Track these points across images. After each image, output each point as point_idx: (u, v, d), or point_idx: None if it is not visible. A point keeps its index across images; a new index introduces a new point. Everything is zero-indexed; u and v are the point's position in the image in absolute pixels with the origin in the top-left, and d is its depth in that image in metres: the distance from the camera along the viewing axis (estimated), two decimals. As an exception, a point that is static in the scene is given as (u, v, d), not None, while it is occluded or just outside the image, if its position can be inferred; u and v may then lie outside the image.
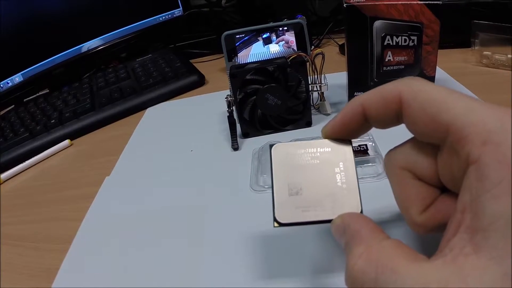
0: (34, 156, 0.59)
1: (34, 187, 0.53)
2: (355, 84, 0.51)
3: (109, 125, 0.66)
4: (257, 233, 0.34)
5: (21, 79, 0.79)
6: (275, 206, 0.25)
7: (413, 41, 0.47)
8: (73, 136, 0.64)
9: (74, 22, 0.81)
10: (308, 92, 0.48)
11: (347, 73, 0.50)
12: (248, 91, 0.47)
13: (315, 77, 0.49)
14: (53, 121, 0.65)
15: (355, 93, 0.51)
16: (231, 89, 0.47)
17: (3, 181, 0.56)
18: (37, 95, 0.83)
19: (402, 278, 0.18)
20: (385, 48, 0.48)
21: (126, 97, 0.69)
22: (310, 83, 0.48)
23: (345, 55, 0.50)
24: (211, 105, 0.61)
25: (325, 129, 0.26)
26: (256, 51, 0.57)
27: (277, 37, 0.60)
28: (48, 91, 0.85)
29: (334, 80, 0.54)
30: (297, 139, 0.45)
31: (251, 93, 0.47)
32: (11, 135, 0.65)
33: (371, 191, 0.28)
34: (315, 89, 0.50)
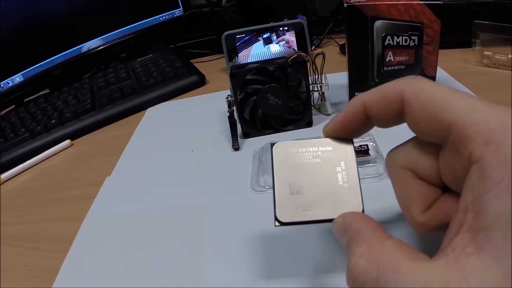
0: (34, 156, 0.59)
1: (34, 187, 0.53)
2: (355, 84, 0.51)
3: (109, 125, 0.66)
4: (258, 233, 0.34)
5: (22, 79, 0.79)
6: (276, 205, 0.25)
7: (414, 41, 0.47)
8: (74, 136, 0.63)
9: (74, 22, 0.81)
10: (308, 92, 0.48)
11: (348, 73, 0.50)
12: (248, 91, 0.47)
13: (316, 77, 0.49)
14: (54, 121, 0.65)
15: (356, 93, 0.51)
16: (232, 89, 0.47)
17: (4, 181, 0.56)
18: (37, 95, 0.83)
19: (403, 277, 0.18)
20: (385, 48, 0.48)
21: (126, 97, 0.69)
22: (310, 83, 0.48)
23: (345, 55, 0.50)
24: (212, 105, 0.61)
25: (326, 128, 0.26)
26: (256, 51, 0.57)
27: (278, 37, 0.60)
28: (48, 91, 0.85)
29: (334, 80, 0.53)
30: (298, 139, 0.45)
31: (251, 93, 0.47)
32: (12, 135, 0.65)
33: (372, 192, 0.27)
34: (316, 89, 0.50)
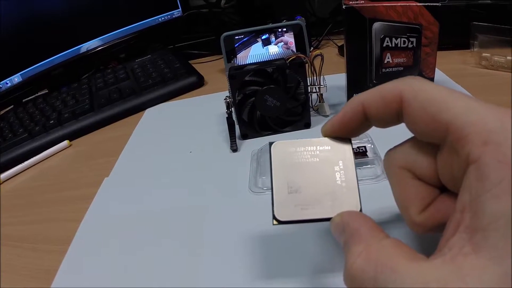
0: (33, 156, 0.59)
1: (33, 187, 0.53)
2: (354, 85, 0.51)
3: (108, 126, 0.66)
4: (256, 234, 0.34)
5: (20, 80, 0.78)
6: (274, 204, 0.25)
7: (412, 43, 0.47)
8: (72, 136, 0.63)
9: (73, 22, 0.81)
10: (307, 93, 0.48)
11: (346, 75, 0.51)
12: (247, 93, 0.47)
13: (314, 79, 0.49)
14: (52, 121, 0.65)
15: (354, 95, 0.51)
16: (230, 90, 0.47)
17: (2, 181, 0.56)
18: (36, 95, 0.83)
19: (401, 277, 0.18)
20: (384, 49, 0.48)
21: (125, 97, 0.69)
22: (309, 84, 0.48)
23: (344, 56, 0.50)
24: (210, 106, 0.61)
25: (325, 128, 0.26)
26: (255, 52, 0.57)
27: (276, 38, 0.61)
28: (47, 91, 0.85)
29: (333, 81, 0.54)
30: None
31: (250, 95, 0.47)
32: (10, 135, 0.65)
33: (369, 193, 0.28)
34: (314, 90, 0.50)
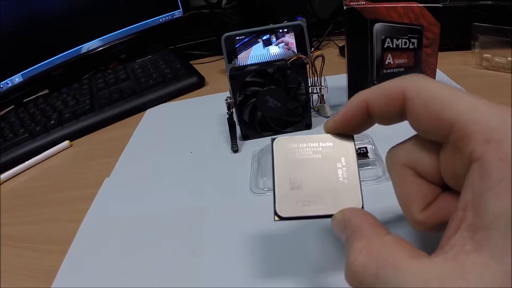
0: (33, 157, 0.59)
1: (33, 188, 0.53)
2: (355, 86, 0.51)
3: (108, 126, 0.66)
4: (257, 234, 0.34)
5: (21, 80, 0.79)
6: (276, 200, 0.25)
7: (413, 44, 0.47)
8: (73, 137, 0.63)
9: (74, 22, 0.81)
10: (308, 94, 0.48)
11: (347, 76, 0.50)
12: (248, 93, 0.47)
13: (315, 79, 0.49)
14: (53, 122, 0.65)
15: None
16: (231, 91, 0.47)
17: (3, 181, 0.56)
18: (36, 95, 0.84)
19: (403, 274, 0.18)
20: (385, 50, 0.48)
21: (125, 98, 0.69)
22: (310, 85, 0.48)
23: (345, 57, 0.50)
24: (211, 107, 0.61)
25: (327, 124, 0.26)
26: (256, 53, 0.57)
27: (277, 39, 0.61)
28: (47, 91, 0.85)
29: (334, 82, 0.54)
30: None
31: (251, 95, 0.47)
32: (11, 135, 0.65)
33: (370, 194, 0.27)
34: (315, 91, 0.50)
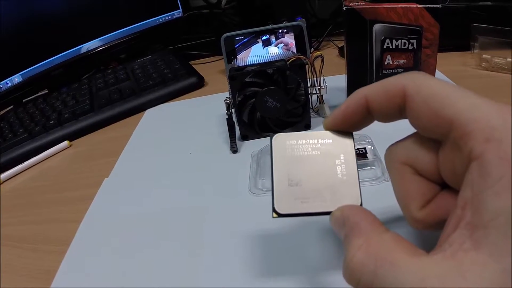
0: (33, 157, 0.59)
1: (33, 188, 0.53)
2: (354, 87, 0.50)
3: (108, 127, 0.66)
4: (256, 234, 0.34)
5: (21, 80, 0.79)
6: (274, 196, 0.25)
7: (413, 45, 0.47)
8: (72, 137, 0.63)
9: (73, 22, 0.81)
10: (307, 95, 0.48)
11: (347, 76, 0.50)
12: (247, 94, 0.47)
13: (315, 80, 0.49)
14: (52, 122, 0.65)
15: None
16: (230, 92, 0.47)
17: (2, 181, 0.56)
18: (36, 95, 0.84)
19: (401, 271, 0.18)
20: (384, 51, 0.48)
21: (125, 98, 0.69)
22: (309, 86, 0.48)
23: (344, 58, 0.50)
24: (210, 107, 0.61)
25: (326, 121, 0.26)
26: (255, 53, 0.57)
27: (277, 39, 0.61)
28: (47, 91, 0.85)
29: (333, 83, 0.54)
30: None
31: (250, 96, 0.47)
32: (10, 135, 0.65)
33: (370, 194, 0.27)
34: (314, 92, 0.50)
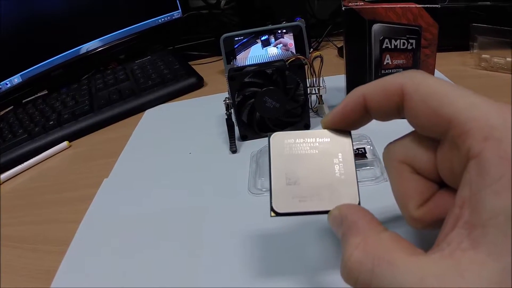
0: (32, 157, 0.59)
1: (32, 188, 0.53)
2: (353, 87, 0.49)
3: (107, 127, 0.66)
4: (255, 235, 0.34)
5: (20, 80, 0.79)
6: (272, 195, 0.25)
7: (412, 44, 0.47)
8: (72, 137, 0.63)
9: (73, 23, 0.81)
10: (306, 95, 0.48)
11: (346, 76, 0.51)
12: (246, 94, 0.47)
13: (314, 80, 0.49)
14: (52, 122, 0.65)
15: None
16: (230, 92, 0.47)
17: (2, 182, 0.56)
18: (35, 96, 0.84)
19: (399, 271, 0.18)
20: (383, 51, 0.48)
21: (124, 99, 0.69)
22: (308, 86, 0.48)
23: (343, 58, 0.50)
24: (210, 108, 0.61)
25: (325, 120, 0.26)
26: (254, 54, 0.57)
27: (276, 40, 0.61)
28: (46, 92, 0.85)
29: (332, 83, 0.54)
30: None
31: (249, 96, 0.47)
32: (10, 136, 0.65)
33: (369, 194, 0.27)
34: (314, 92, 0.50)
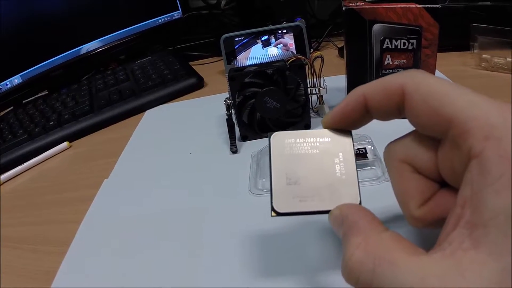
0: (32, 158, 0.59)
1: (32, 189, 0.53)
2: (354, 87, 0.50)
3: (107, 127, 0.66)
4: (256, 235, 0.34)
5: (20, 81, 0.79)
6: (272, 195, 0.25)
7: (412, 45, 0.47)
8: (72, 138, 0.63)
9: (73, 23, 0.81)
10: (307, 95, 0.48)
11: (346, 76, 0.50)
12: (247, 94, 0.47)
13: (314, 80, 0.49)
14: (52, 123, 0.65)
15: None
16: (230, 92, 0.47)
17: (2, 182, 0.56)
18: (36, 96, 0.84)
19: (400, 270, 0.18)
20: (384, 51, 0.48)
21: (125, 99, 0.69)
22: (309, 86, 0.48)
23: (344, 58, 0.50)
24: (210, 108, 0.60)
25: (325, 119, 0.26)
26: (255, 54, 0.57)
27: (276, 40, 0.61)
28: (47, 92, 0.85)
29: (333, 83, 0.54)
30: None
31: (250, 96, 0.47)
32: (10, 136, 0.65)
33: (370, 195, 0.27)
34: (314, 92, 0.50)
